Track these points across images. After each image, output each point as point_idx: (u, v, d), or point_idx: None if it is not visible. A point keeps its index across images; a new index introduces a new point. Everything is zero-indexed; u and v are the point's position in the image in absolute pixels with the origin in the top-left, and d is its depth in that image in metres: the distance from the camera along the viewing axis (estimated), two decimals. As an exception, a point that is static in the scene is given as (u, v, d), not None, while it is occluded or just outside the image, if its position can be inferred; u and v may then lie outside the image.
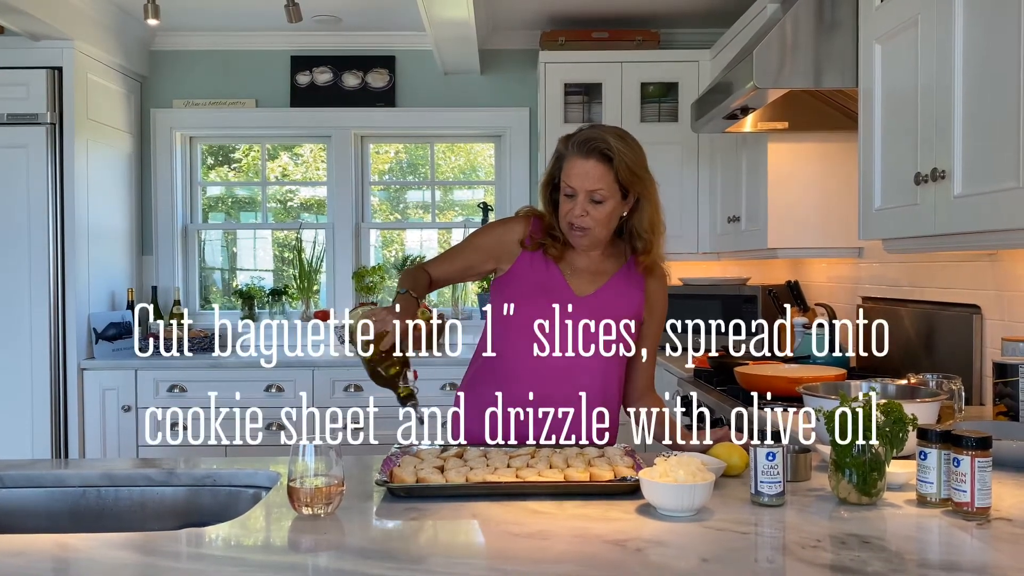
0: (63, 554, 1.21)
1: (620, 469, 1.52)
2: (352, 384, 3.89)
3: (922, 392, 1.84)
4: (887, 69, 2.24)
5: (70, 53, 3.76)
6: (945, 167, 1.91)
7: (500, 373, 1.87)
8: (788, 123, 3.04)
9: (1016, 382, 1.90)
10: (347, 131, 4.48)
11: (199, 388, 3.86)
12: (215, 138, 4.65)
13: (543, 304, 1.84)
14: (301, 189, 4.80)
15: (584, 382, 1.84)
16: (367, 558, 1.18)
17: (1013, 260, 2.29)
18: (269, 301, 4.48)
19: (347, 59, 4.46)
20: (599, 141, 1.76)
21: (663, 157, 4.00)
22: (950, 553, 1.22)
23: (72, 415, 3.82)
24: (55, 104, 3.78)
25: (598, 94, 4.08)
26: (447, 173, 4.81)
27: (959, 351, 2.49)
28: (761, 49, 2.49)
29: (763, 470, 1.40)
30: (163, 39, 4.43)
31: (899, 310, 2.85)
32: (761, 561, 1.17)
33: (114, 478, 1.67)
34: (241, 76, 4.48)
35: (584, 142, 1.77)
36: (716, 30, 4.14)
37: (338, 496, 1.37)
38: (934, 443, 1.38)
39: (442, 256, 1.97)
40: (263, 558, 1.21)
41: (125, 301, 4.20)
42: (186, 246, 4.58)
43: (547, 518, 1.34)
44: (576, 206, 1.78)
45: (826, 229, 3.20)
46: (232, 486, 1.66)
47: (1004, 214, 1.71)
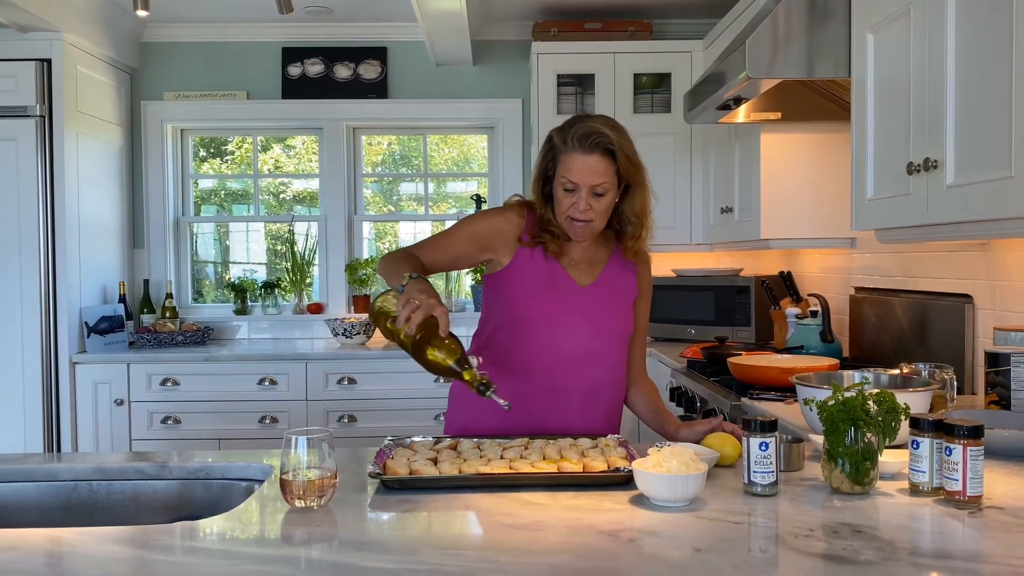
0: (56, 548, 1.21)
1: (614, 460, 1.52)
2: (345, 377, 3.89)
3: (914, 381, 1.84)
4: (880, 59, 2.24)
5: (59, 45, 3.73)
6: (937, 157, 1.92)
7: (509, 367, 1.84)
8: (781, 113, 3.04)
9: (1008, 371, 1.90)
10: (339, 123, 4.46)
11: (192, 381, 3.85)
12: (206, 130, 4.63)
13: (550, 299, 1.84)
14: (293, 181, 4.78)
15: (598, 371, 1.85)
16: (360, 550, 1.18)
17: (1005, 249, 2.30)
18: (262, 294, 4.47)
19: (339, 50, 4.44)
20: (600, 136, 1.74)
21: (656, 148, 3.99)
22: (942, 541, 1.23)
23: (64, 409, 3.81)
24: (44, 97, 3.75)
25: (591, 85, 4.07)
26: (440, 165, 4.80)
27: (951, 341, 2.50)
28: (754, 39, 2.48)
29: (756, 460, 1.40)
30: (153, 31, 4.40)
31: (892, 300, 2.86)
32: (754, 551, 1.18)
33: (106, 472, 1.66)
34: (232, 68, 4.46)
35: (584, 137, 1.75)
36: (709, 20, 4.13)
37: (331, 488, 1.37)
38: (926, 432, 1.39)
39: (431, 243, 1.88)
40: (256, 551, 1.21)
41: (117, 295, 4.19)
42: (178, 239, 4.56)
43: (541, 509, 1.34)
44: (580, 200, 1.77)
45: (819, 219, 3.20)
46: (225, 479, 1.66)
47: (996, 203, 1.72)
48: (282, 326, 4.46)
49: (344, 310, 4.49)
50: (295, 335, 4.45)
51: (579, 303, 1.85)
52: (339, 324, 4.13)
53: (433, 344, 1.55)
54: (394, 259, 1.78)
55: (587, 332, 1.84)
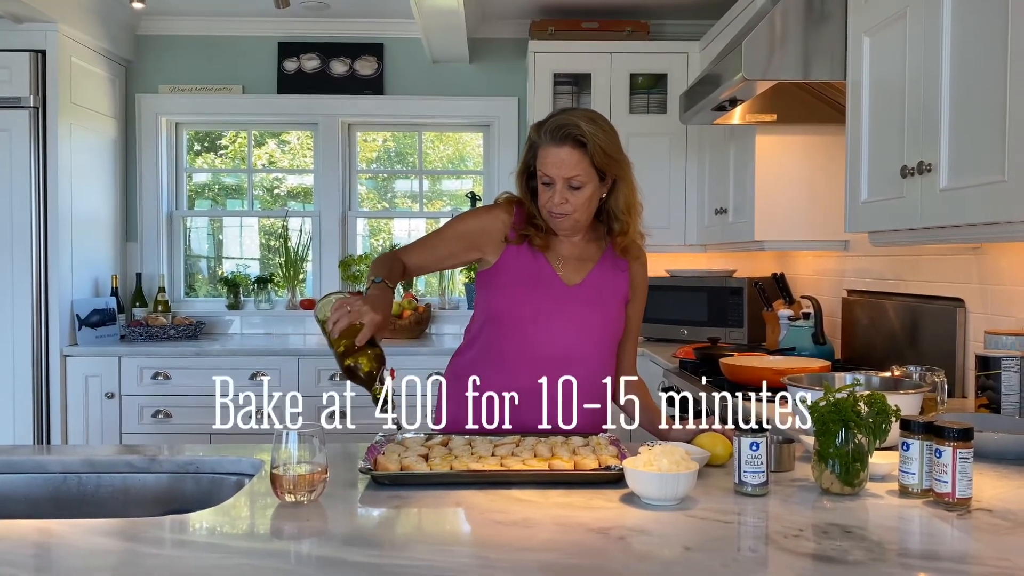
0: (44, 539, 1.20)
1: (605, 458, 1.52)
2: (337, 373, 3.85)
3: (905, 384, 1.85)
4: (875, 62, 2.25)
5: (54, 36, 3.72)
6: (931, 160, 1.92)
7: (491, 364, 1.86)
8: (776, 115, 3.04)
9: (998, 375, 1.91)
10: (334, 119, 4.45)
11: (183, 376, 3.84)
12: (201, 124, 4.61)
13: (534, 297, 1.83)
14: (288, 177, 4.77)
15: (578, 371, 1.84)
16: (350, 545, 1.17)
17: (997, 253, 2.31)
18: (255, 289, 4.46)
19: (335, 46, 4.43)
20: (571, 127, 1.74)
21: (651, 148, 4.00)
22: (931, 543, 1.23)
23: (54, 402, 3.79)
24: (38, 88, 3.73)
25: (587, 84, 4.08)
26: (435, 162, 4.79)
27: (943, 344, 2.51)
28: (750, 41, 2.49)
29: (747, 460, 1.40)
30: (149, 23, 4.38)
31: (884, 303, 2.87)
32: (744, 550, 1.18)
33: (96, 464, 1.65)
34: (228, 62, 4.44)
35: (556, 129, 1.75)
36: (706, 22, 4.13)
37: (321, 483, 1.37)
38: (917, 434, 1.39)
39: (419, 243, 1.91)
40: (246, 545, 1.21)
41: (109, 288, 4.17)
42: (171, 233, 4.54)
43: (531, 506, 1.34)
44: (555, 194, 1.77)
45: (813, 222, 3.21)
46: (215, 473, 1.65)
47: (989, 207, 1.72)
48: (274, 321, 4.45)
49: (337, 306, 4.47)
50: (287, 330, 4.44)
51: (563, 302, 1.84)
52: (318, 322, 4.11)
53: (353, 352, 1.58)
54: (381, 262, 1.81)
55: (569, 331, 1.83)
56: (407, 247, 1.90)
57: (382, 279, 1.70)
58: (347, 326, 1.56)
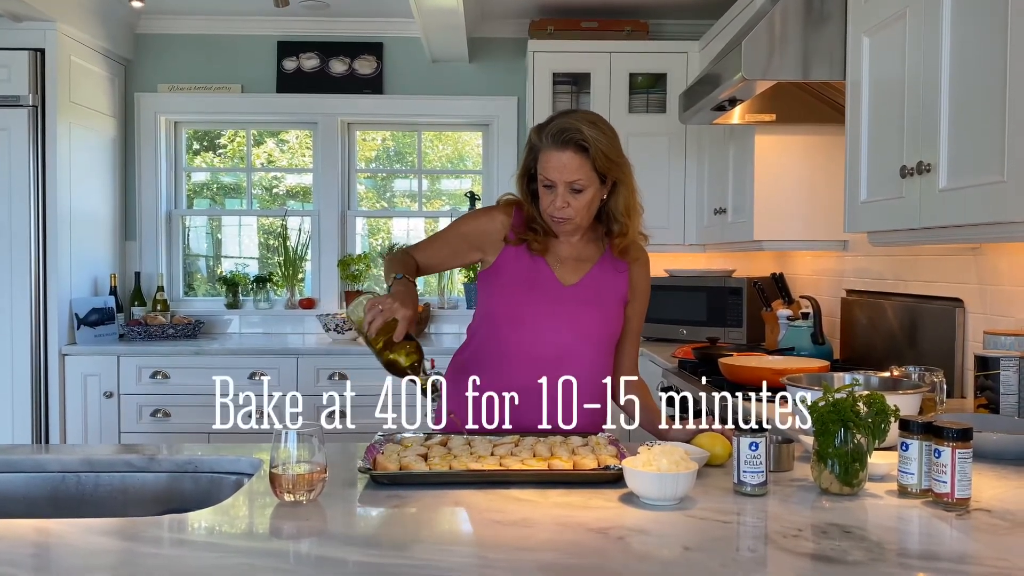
0: (43, 539, 1.20)
1: (604, 458, 1.52)
2: (336, 372, 3.88)
3: (904, 384, 1.85)
4: (875, 62, 2.25)
5: (53, 35, 3.71)
6: (931, 160, 1.92)
7: (490, 363, 1.86)
8: (776, 115, 3.04)
9: (997, 375, 1.91)
10: (334, 118, 4.45)
11: (182, 375, 3.84)
12: (200, 123, 4.61)
13: (531, 297, 1.84)
14: (287, 176, 4.77)
15: (574, 371, 1.83)
16: (349, 545, 1.17)
17: (996, 254, 2.31)
18: (254, 288, 4.46)
19: (334, 45, 4.43)
20: (573, 131, 1.74)
21: (650, 148, 4.00)
22: (930, 543, 1.23)
23: (53, 401, 3.79)
24: (37, 86, 3.73)
25: (586, 84, 4.07)
26: (434, 162, 4.79)
27: (942, 344, 2.51)
28: (749, 41, 2.49)
29: (746, 460, 1.40)
30: (148, 22, 4.38)
31: (883, 303, 2.87)
32: (743, 550, 1.18)
33: (94, 464, 1.65)
34: (227, 61, 4.44)
35: (558, 133, 1.75)
36: (705, 21, 4.13)
37: (320, 483, 1.37)
38: (916, 434, 1.39)
39: (426, 242, 1.95)
40: (245, 544, 1.20)
41: (108, 287, 4.17)
42: (170, 232, 4.54)
43: (530, 506, 1.34)
44: (557, 198, 1.78)
45: (812, 222, 3.21)
46: (214, 472, 1.65)
47: (988, 207, 1.72)
48: (273, 321, 4.45)
49: (336, 306, 4.48)
50: (286, 330, 4.44)
51: (559, 302, 1.84)
52: (331, 319, 4.12)
53: (392, 347, 1.65)
54: (393, 260, 1.86)
55: (565, 332, 1.84)
56: (417, 245, 1.95)
57: (403, 275, 1.75)
58: (382, 324, 1.62)
